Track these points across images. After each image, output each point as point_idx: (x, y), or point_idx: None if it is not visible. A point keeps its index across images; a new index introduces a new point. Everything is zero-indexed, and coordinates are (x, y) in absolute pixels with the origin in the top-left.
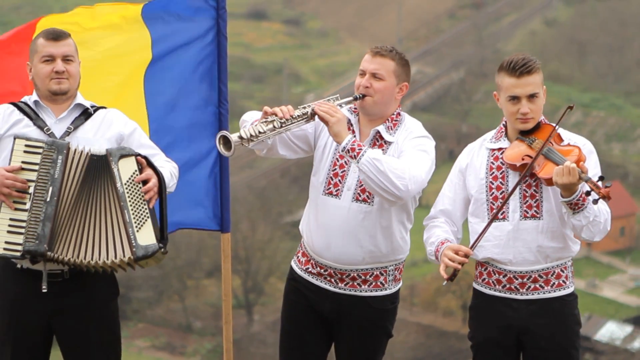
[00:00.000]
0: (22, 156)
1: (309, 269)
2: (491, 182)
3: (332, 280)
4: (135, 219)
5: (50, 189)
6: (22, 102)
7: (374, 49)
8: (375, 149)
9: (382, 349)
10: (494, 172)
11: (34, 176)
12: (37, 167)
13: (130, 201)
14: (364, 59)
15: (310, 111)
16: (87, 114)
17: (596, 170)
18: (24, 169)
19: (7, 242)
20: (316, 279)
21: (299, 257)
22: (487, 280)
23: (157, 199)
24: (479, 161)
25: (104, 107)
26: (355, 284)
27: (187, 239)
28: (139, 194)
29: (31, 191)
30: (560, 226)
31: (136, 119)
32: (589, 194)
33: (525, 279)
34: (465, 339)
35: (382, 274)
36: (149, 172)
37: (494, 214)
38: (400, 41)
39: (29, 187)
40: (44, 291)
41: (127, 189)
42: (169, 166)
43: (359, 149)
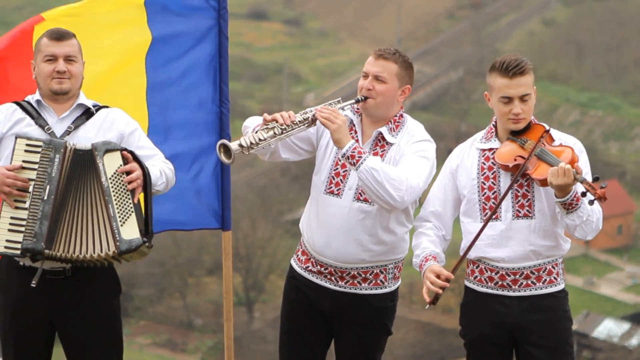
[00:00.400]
0: (23, 155)
1: (309, 267)
2: (483, 183)
3: (332, 278)
4: (119, 213)
5: (47, 187)
6: (25, 102)
7: (377, 52)
8: (375, 156)
9: (381, 346)
10: (485, 173)
11: (33, 175)
12: (36, 166)
13: (114, 196)
14: (367, 61)
15: (311, 117)
16: (89, 113)
17: (586, 169)
18: (24, 168)
19: (8, 241)
20: (316, 277)
21: (298, 256)
22: (479, 277)
23: (142, 192)
24: (470, 161)
25: (107, 107)
26: (355, 282)
27: (188, 236)
28: (124, 189)
29: (31, 190)
30: (552, 225)
31: (136, 118)
32: (584, 195)
33: (517, 276)
34: None
35: (382, 272)
36: (134, 164)
37: (488, 216)
38: (399, 41)
39: (29, 186)
40: (32, 286)
41: (112, 184)
42: (161, 165)
43: (359, 156)
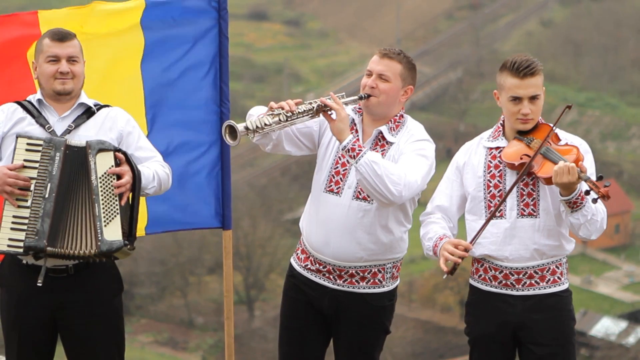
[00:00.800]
0: (24, 154)
1: (308, 266)
2: (489, 181)
3: (330, 276)
4: (104, 213)
5: (48, 185)
6: (26, 101)
7: (382, 51)
8: (375, 151)
9: (380, 345)
10: (491, 171)
11: (34, 174)
12: (37, 165)
13: (102, 195)
14: (372, 59)
15: (316, 106)
16: (89, 112)
17: (592, 170)
18: (25, 167)
19: (10, 239)
20: (315, 276)
21: (298, 255)
22: (483, 276)
23: (130, 195)
24: (477, 159)
25: (108, 106)
26: (353, 280)
27: (189, 236)
28: (112, 190)
29: (32, 188)
30: (556, 224)
31: (135, 117)
32: (588, 193)
33: (521, 275)
34: (462, 334)
35: (380, 272)
36: (125, 167)
37: (492, 211)
38: (398, 41)
39: (31, 185)
40: (38, 285)
41: (101, 183)
42: (157, 168)
43: (359, 149)
